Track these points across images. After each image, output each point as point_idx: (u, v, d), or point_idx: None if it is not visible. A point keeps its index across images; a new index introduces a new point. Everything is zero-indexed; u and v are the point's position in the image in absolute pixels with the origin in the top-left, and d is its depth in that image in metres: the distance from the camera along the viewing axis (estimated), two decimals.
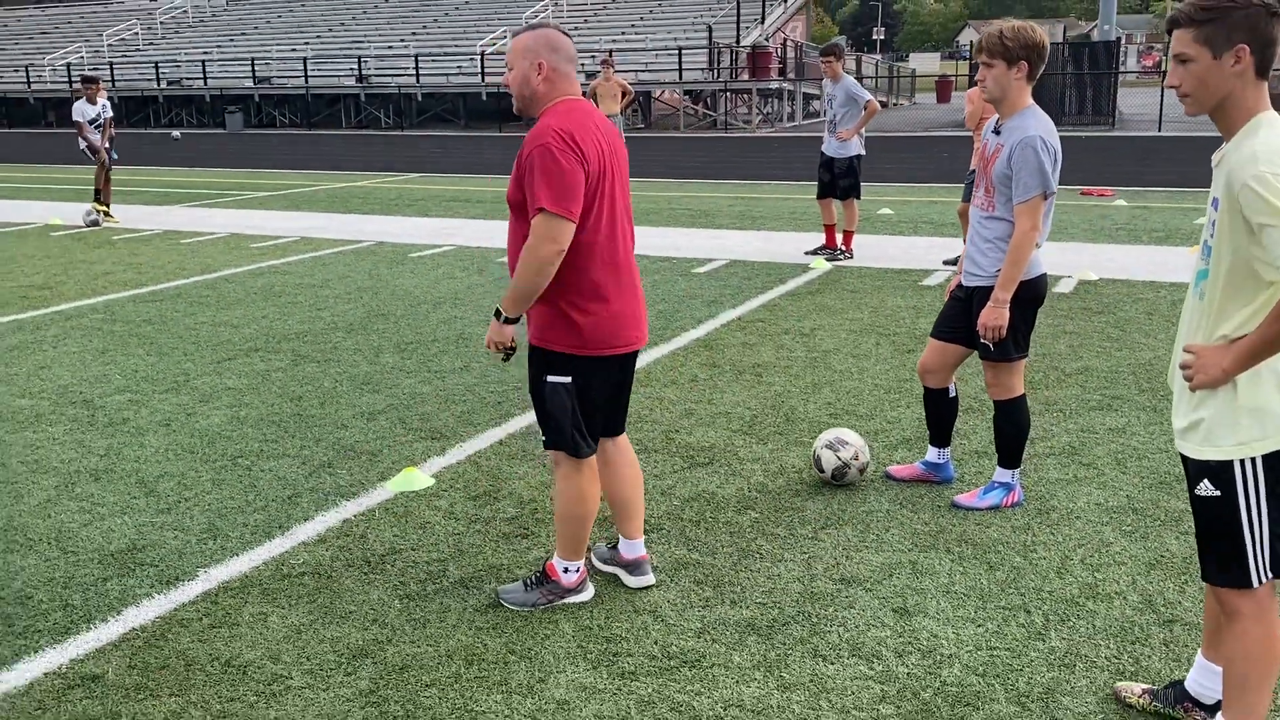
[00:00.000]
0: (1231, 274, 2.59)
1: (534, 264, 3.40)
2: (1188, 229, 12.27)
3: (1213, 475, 2.68)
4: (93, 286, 9.94)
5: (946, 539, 4.34)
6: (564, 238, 3.39)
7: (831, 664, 3.45)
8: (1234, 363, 2.57)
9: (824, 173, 10.61)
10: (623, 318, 3.62)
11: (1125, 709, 3.19)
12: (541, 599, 3.82)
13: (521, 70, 3.53)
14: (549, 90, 3.55)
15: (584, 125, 3.47)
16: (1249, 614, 2.70)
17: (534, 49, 3.52)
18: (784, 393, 6.31)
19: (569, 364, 3.59)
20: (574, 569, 3.84)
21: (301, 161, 24.76)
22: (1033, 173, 4.21)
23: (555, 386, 3.62)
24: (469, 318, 8.38)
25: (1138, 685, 3.22)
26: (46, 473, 5.21)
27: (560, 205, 3.36)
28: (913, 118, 36.96)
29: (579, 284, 3.52)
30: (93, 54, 43.75)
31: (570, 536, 3.79)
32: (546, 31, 3.57)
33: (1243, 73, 2.55)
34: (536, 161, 3.38)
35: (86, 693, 3.35)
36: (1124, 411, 5.85)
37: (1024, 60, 4.21)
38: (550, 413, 3.65)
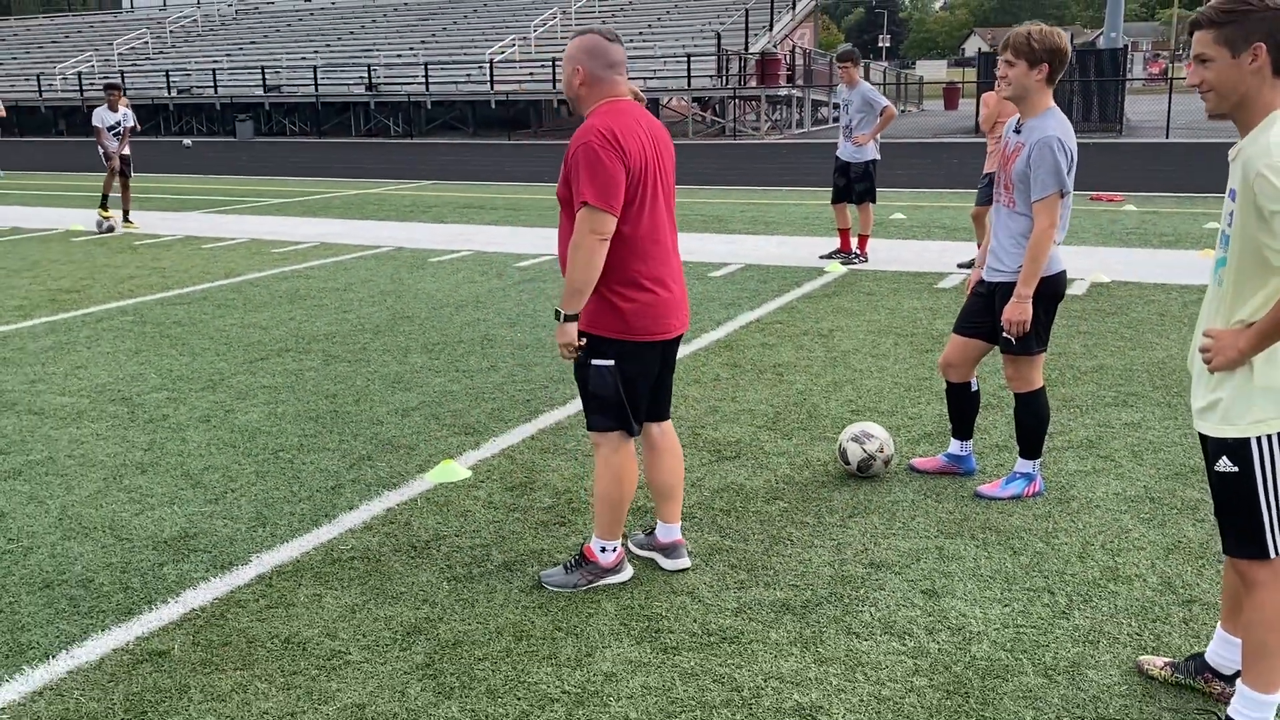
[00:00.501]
0: (1246, 261, 2.76)
1: (582, 257, 3.60)
2: (1197, 233, 12.42)
3: (1231, 452, 2.84)
4: (119, 290, 10.12)
5: (971, 526, 4.49)
6: (606, 229, 3.59)
7: (865, 640, 3.60)
8: (1249, 344, 2.74)
9: (839, 177, 10.77)
10: (664, 305, 3.80)
11: (1148, 681, 3.34)
12: (581, 580, 3.98)
13: (566, 74, 3.79)
14: (589, 93, 3.76)
15: (626, 124, 3.66)
16: (1267, 583, 2.86)
17: (574, 56, 3.75)
18: (805, 391, 6.47)
19: (612, 348, 3.77)
20: (611, 549, 4.00)
21: (313, 169, 24.98)
22: (1049, 172, 4.37)
23: (599, 369, 3.80)
24: (492, 320, 8.55)
25: (1159, 658, 3.38)
26: (94, 466, 5.37)
27: (602, 199, 3.56)
28: (922, 124, 37.14)
29: (622, 273, 3.71)
30: (103, 63, 44.08)
31: (608, 517, 3.96)
32: (588, 38, 3.77)
33: (1259, 70, 2.72)
34: (580, 158, 3.59)
35: (155, 667, 3.51)
36: (1139, 407, 6.00)
37: (1046, 63, 4.37)
38: (594, 394, 3.83)
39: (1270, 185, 2.62)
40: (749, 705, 3.25)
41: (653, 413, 4.02)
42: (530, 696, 3.31)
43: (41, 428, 5.98)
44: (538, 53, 36.89)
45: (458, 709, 3.25)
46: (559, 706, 3.26)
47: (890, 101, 10.83)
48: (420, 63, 37.32)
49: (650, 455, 4.07)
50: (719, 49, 33.50)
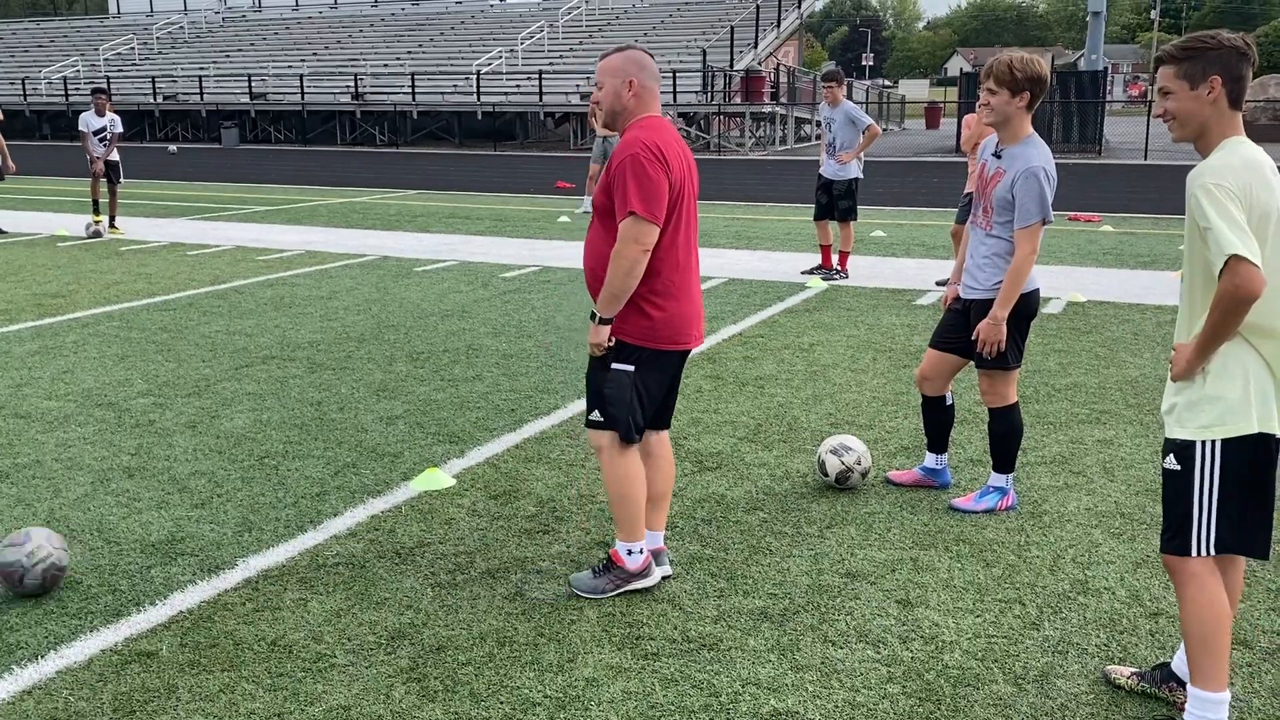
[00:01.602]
0: (1198, 277, 3.00)
1: (624, 264, 3.72)
2: (1172, 254, 12.60)
3: (1178, 451, 3.06)
4: (105, 295, 10.15)
5: (945, 538, 4.59)
6: (649, 239, 3.71)
7: (841, 649, 3.69)
8: (1195, 353, 2.97)
9: (822, 195, 10.90)
10: (687, 318, 3.93)
11: (1114, 690, 3.44)
12: (609, 585, 4.04)
13: (613, 87, 3.87)
14: (637, 106, 3.88)
15: (668, 140, 3.81)
16: (1189, 581, 3.05)
17: (624, 68, 3.86)
18: (786, 403, 6.56)
19: (635, 354, 3.89)
20: (637, 550, 4.05)
21: (299, 177, 25.01)
22: (1035, 200, 4.50)
23: (619, 373, 3.90)
24: (477, 330, 8.62)
25: (1125, 668, 3.48)
26: (81, 470, 5.42)
27: (647, 209, 3.68)
28: (903, 143, 37.43)
29: (653, 282, 3.83)
30: (89, 68, 43.98)
31: (626, 517, 4.02)
32: (634, 52, 3.91)
33: (1216, 101, 2.96)
34: (628, 169, 3.70)
35: (143, 667, 3.57)
36: (1111, 425, 6.13)
37: (1028, 91, 4.50)
38: (609, 396, 3.91)
39: (1198, 203, 2.87)
40: (727, 710, 3.33)
41: (656, 421, 4.13)
42: (513, 700, 3.38)
43: (28, 431, 6.02)
44: (524, 65, 37.03)
45: (441, 712, 3.32)
46: (541, 710, 3.33)
47: (874, 120, 10.97)
48: (407, 73, 37.40)
49: (646, 462, 4.16)
50: (705, 65, 33.72)
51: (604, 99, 3.90)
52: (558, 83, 35.11)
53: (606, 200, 3.82)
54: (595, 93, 3.95)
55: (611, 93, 3.88)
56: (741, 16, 36.67)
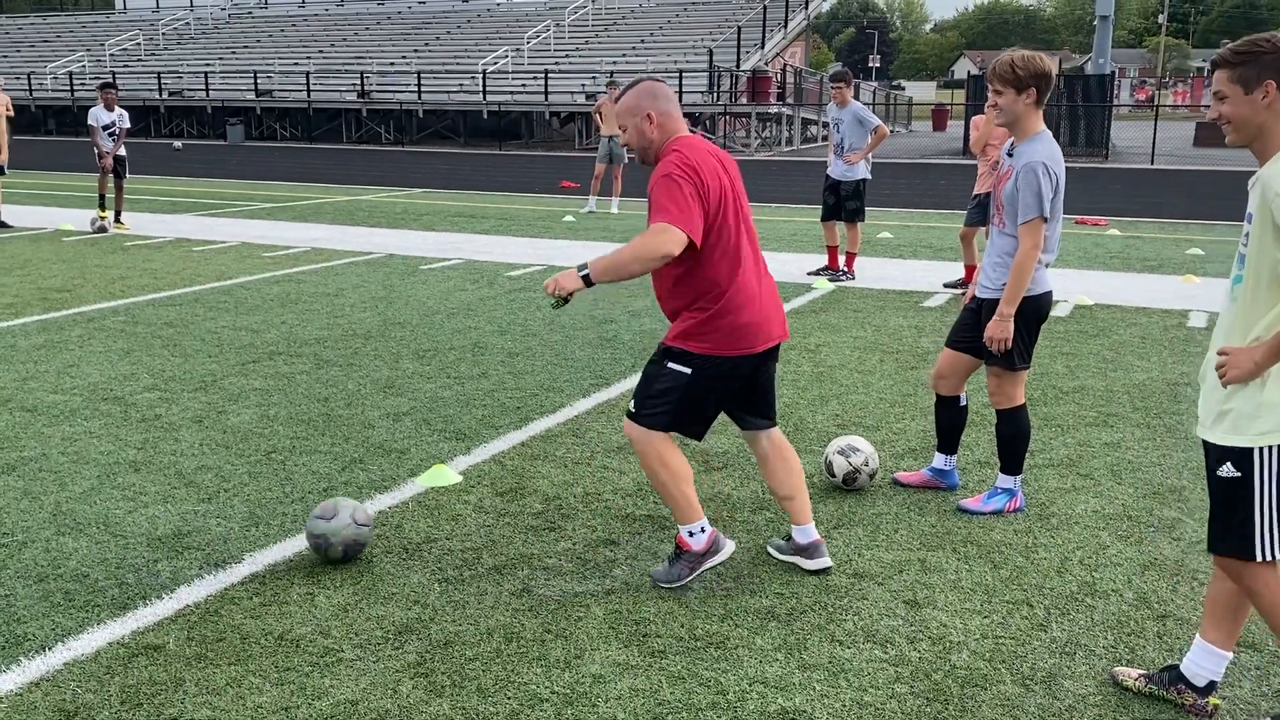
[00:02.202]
0: (1262, 280, 2.98)
1: (640, 251, 3.69)
2: (1179, 258, 12.59)
3: (1235, 459, 3.05)
4: (110, 290, 10.16)
5: (953, 540, 4.58)
6: (674, 246, 3.69)
7: (848, 648, 3.68)
8: (1264, 358, 2.94)
9: (829, 195, 10.89)
10: (751, 326, 3.92)
11: (1122, 692, 3.43)
12: (685, 570, 4.07)
13: (635, 126, 3.91)
14: (661, 135, 3.91)
15: (703, 159, 3.83)
16: (1259, 575, 3.09)
17: (639, 105, 3.89)
18: (792, 404, 6.56)
19: (692, 359, 3.90)
20: (698, 530, 4.07)
21: (304, 174, 25.02)
22: (1033, 195, 4.49)
23: (673, 372, 3.92)
24: (483, 328, 8.62)
25: (1133, 670, 3.47)
26: (87, 464, 5.42)
27: (679, 219, 3.69)
28: (910, 145, 37.40)
29: (710, 296, 3.86)
30: (95, 63, 44.02)
31: (675, 501, 4.03)
32: (644, 84, 3.94)
33: (1271, 105, 2.96)
34: (660, 187, 3.75)
35: (150, 660, 3.57)
36: (1119, 428, 6.12)
37: (1033, 87, 4.50)
38: (657, 391, 3.93)
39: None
40: (734, 709, 3.33)
41: (757, 420, 4.17)
42: (520, 696, 3.38)
43: (34, 425, 6.02)
44: (530, 64, 37.04)
45: (449, 707, 3.31)
46: (548, 706, 3.33)
47: (881, 121, 10.96)
48: (413, 71, 37.41)
49: (763, 465, 4.24)
50: (711, 65, 33.71)
51: (632, 140, 3.94)
52: (563, 82, 35.12)
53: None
54: (623, 136, 4.00)
55: (635, 132, 3.92)
56: (748, 17, 36.64)
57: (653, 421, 3.96)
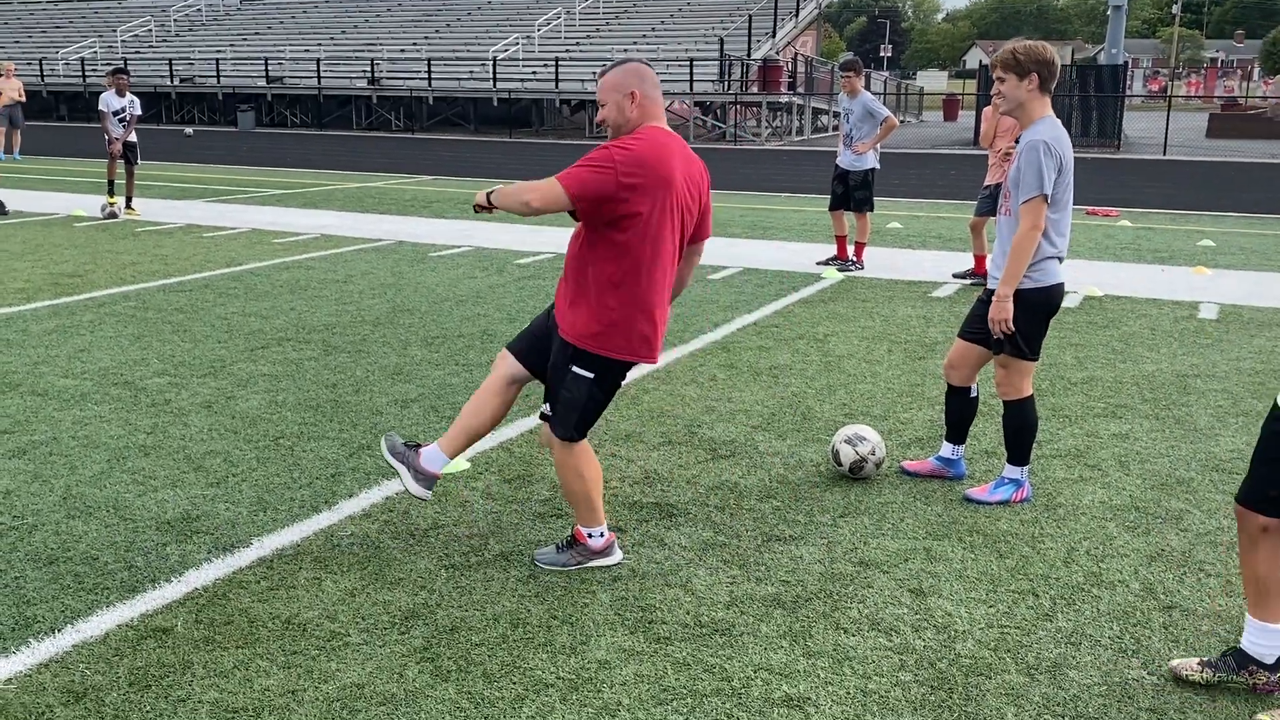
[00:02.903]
0: None
1: (526, 194, 3.79)
2: (1190, 250, 12.54)
3: None
4: (121, 275, 10.19)
5: (959, 529, 4.58)
6: (551, 202, 3.77)
7: (853, 636, 3.69)
8: None
9: (838, 185, 10.87)
10: (645, 335, 3.96)
11: (1128, 682, 3.43)
12: (572, 560, 4.14)
13: (615, 102, 3.90)
14: (640, 116, 3.92)
15: (657, 152, 3.83)
16: None
17: (625, 82, 3.90)
18: (800, 393, 6.56)
19: (592, 361, 3.93)
20: (598, 534, 4.14)
21: (314, 161, 25.04)
22: (1034, 174, 4.48)
23: (577, 377, 3.95)
24: (492, 315, 8.63)
25: (1192, 660, 3.44)
26: (97, 448, 5.45)
27: (567, 178, 3.75)
28: (921, 135, 37.29)
29: (625, 291, 3.88)
30: (106, 49, 44.07)
31: (586, 507, 4.11)
32: (634, 65, 3.95)
33: None
34: (590, 155, 3.81)
35: (158, 643, 3.59)
36: (1127, 419, 6.10)
37: (1034, 73, 4.49)
38: (567, 403, 3.97)
39: None
40: (739, 695, 3.34)
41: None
42: (525, 681, 3.39)
43: (45, 409, 6.05)
44: (541, 52, 36.98)
45: (455, 691, 3.33)
46: (553, 691, 3.34)
47: (891, 112, 10.93)
48: (423, 58, 37.37)
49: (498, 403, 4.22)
50: (722, 54, 33.61)
51: (609, 116, 3.93)
52: (574, 70, 35.05)
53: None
54: (600, 112, 3.97)
55: (615, 108, 3.91)
56: (759, 5, 36.51)
57: (568, 434, 4.01)
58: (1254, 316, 8.89)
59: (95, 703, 3.25)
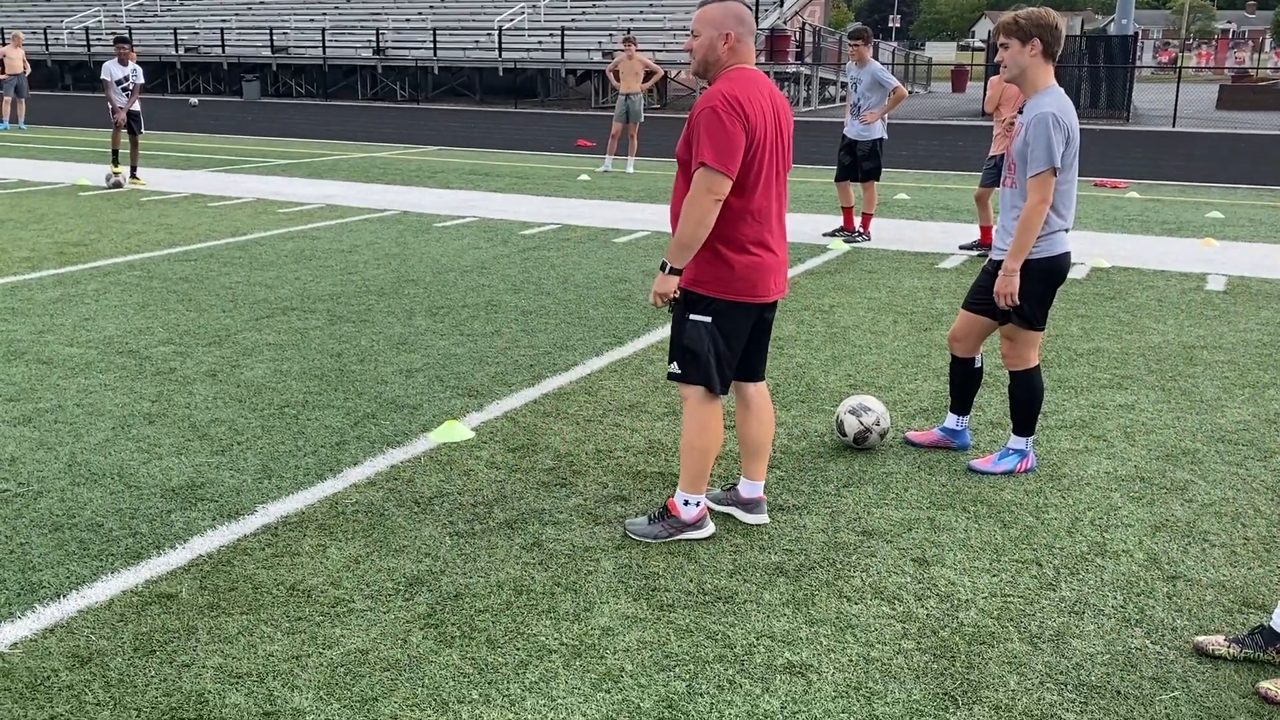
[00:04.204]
0: None
1: (695, 215, 3.75)
2: (1199, 221, 12.47)
3: None
4: (126, 245, 10.18)
5: (963, 499, 4.58)
6: (721, 191, 3.73)
7: (855, 604, 3.69)
8: None
9: (845, 155, 10.81)
10: (766, 269, 3.95)
11: (1131, 650, 3.43)
12: (663, 532, 4.11)
13: (709, 37, 3.86)
14: (730, 58, 3.88)
15: (752, 93, 3.80)
16: None
17: (723, 20, 3.85)
18: (805, 364, 6.54)
19: (711, 306, 3.92)
20: (694, 503, 4.11)
21: (319, 131, 24.96)
22: (1043, 147, 4.44)
23: (696, 324, 3.94)
24: (496, 285, 8.62)
25: (1218, 637, 3.42)
26: (102, 416, 5.45)
27: (720, 162, 3.71)
28: (929, 106, 37.07)
29: (731, 235, 3.86)
30: (110, 18, 43.87)
31: (692, 469, 4.07)
32: (733, 5, 3.88)
33: None
34: (703, 121, 3.74)
35: (163, 609, 3.60)
36: (1133, 390, 6.09)
37: (1037, 38, 4.45)
38: (689, 348, 3.96)
39: None
40: (741, 662, 3.34)
41: (747, 372, 4.18)
42: (529, 647, 3.40)
43: (50, 377, 6.06)
44: (546, 21, 36.74)
45: (458, 657, 3.34)
46: (556, 658, 3.35)
47: (900, 82, 10.85)
48: (429, 28, 37.17)
49: (743, 413, 4.26)
50: None
51: (698, 48, 3.89)
52: (580, 40, 34.85)
53: (686, 152, 3.86)
54: (688, 40, 3.95)
55: (707, 43, 3.87)
56: None
57: (692, 377, 3.97)
58: (1262, 288, 8.85)
59: (100, 667, 3.26)
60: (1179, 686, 3.26)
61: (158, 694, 3.14)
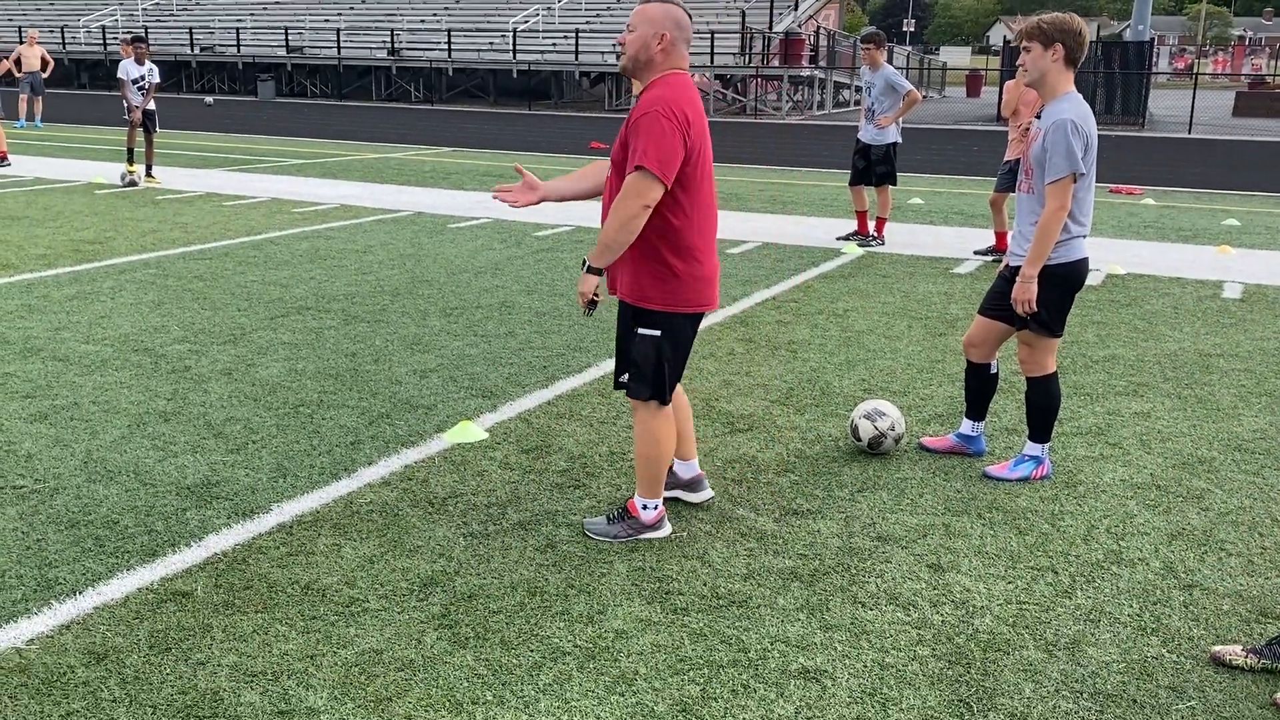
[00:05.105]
0: None
1: (622, 217, 3.74)
2: (1214, 229, 12.41)
3: None
4: (142, 243, 10.22)
5: (978, 505, 4.57)
6: (652, 196, 3.72)
7: (870, 610, 3.68)
8: None
9: (859, 159, 10.79)
10: (708, 279, 3.98)
11: (1147, 659, 3.41)
12: (622, 532, 4.14)
13: (644, 35, 3.84)
14: (663, 59, 3.87)
15: (690, 100, 3.81)
16: None
17: (661, 20, 3.84)
18: (819, 368, 6.53)
19: (660, 320, 3.93)
20: (652, 506, 4.15)
21: (334, 131, 25.03)
22: (1062, 155, 4.43)
23: (645, 338, 3.95)
24: (510, 287, 8.62)
25: (1236, 646, 3.40)
26: (118, 413, 5.47)
27: (660, 168, 3.69)
28: (943, 110, 36.99)
29: (677, 245, 3.86)
30: (128, 17, 44.06)
31: (648, 476, 4.11)
32: (675, 8, 3.88)
33: None
34: (647, 126, 3.71)
35: (178, 607, 3.61)
36: (1149, 397, 6.06)
37: (1059, 43, 4.43)
38: (636, 362, 3.97)
39: None
40: (755, 666, 3.34)
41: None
42: (543, 649, 3.40)
43: (66, 374, 6.08)
44: (561, 24, 36.78)
45: (472, 658, 3.34)
46: (570, 660, 3.35)
47: (914, 86, 10.83)
48: (443, 29, 37.24)
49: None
50: (743, 27, 33.37)
51: (631, 43, 3.87)
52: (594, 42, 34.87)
53: (622, 154, 3.86)
54: (623, 34, 3.93)
55: (641, 40, 3.85)
56: None
57: (642, 391, 4.00)
58: (1279, 297, 8.80)
59: (116, 664, 3.27)
60: (1195, 696, 3.24)
61: (173, 691, 3.15)
